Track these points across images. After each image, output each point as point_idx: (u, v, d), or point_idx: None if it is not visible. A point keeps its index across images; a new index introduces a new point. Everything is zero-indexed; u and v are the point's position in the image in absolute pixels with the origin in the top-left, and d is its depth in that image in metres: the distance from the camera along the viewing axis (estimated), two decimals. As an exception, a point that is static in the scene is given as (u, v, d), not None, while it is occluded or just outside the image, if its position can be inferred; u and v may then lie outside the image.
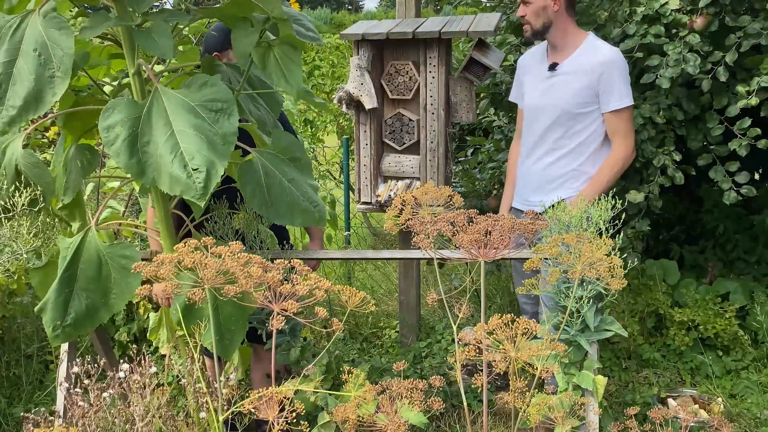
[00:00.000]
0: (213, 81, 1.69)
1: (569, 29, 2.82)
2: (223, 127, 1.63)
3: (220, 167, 1.59)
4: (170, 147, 1.58)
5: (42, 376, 3.40)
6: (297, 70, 1.84)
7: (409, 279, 3.59)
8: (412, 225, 1.49)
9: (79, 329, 1.90)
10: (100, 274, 1.85)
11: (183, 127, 1.60)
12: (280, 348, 2.32)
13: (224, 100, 1.66)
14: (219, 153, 1.60)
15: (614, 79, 2.72)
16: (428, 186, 1.57)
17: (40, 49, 1.56)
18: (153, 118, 1.62)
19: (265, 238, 2.18)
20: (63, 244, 1.89)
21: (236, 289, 1.19)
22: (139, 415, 1.67)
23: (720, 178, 3.08)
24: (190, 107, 1.63)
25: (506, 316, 1.32)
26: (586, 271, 1.47)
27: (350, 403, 1.12)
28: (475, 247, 1.35)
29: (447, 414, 3.07)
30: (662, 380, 3.38)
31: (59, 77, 1.57)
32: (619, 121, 2.75)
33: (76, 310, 1.83)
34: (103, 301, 1.87)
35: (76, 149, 2.03)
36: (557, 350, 1.30)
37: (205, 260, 1.22)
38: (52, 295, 1.85)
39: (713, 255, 3.95)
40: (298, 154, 2.08)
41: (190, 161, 1.56)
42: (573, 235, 1.57)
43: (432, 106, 3.10)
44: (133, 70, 1.86)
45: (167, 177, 1.57)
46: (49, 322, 1.85)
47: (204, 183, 1.56)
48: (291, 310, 1.18)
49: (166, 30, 1.70)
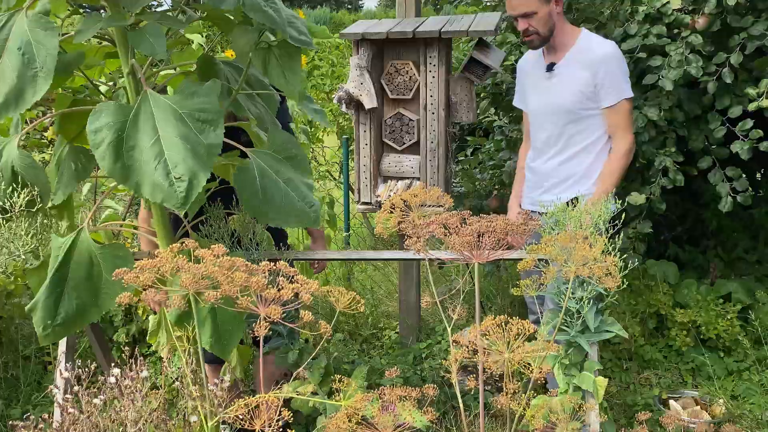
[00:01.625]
0: (203, 90, 1.68)
1: (567, 27, 2.81)
2: (208, 137, 1.62)
3: (203, 178, 1.58)
4: (155, 153, 1.57)
5: (40, 378, 3.39)
6: (297, 70, 1.83)
7: (409, 280, 3.57)
8: (404, 228, 1.47)
9: (69, 329, 1.90)
10: (92, 274, 1.84)
11: (169, 135, 1.59)
12: (278, 351, 2.30)
13: (212, 111, 1.65)
14: (202, 163, 1.59)
15: (612, 73, 2.69)
16: (418, 188, 1.55)
17: (25, 48, 1.55)
18: (140, 123, 1.61)
19: (261, 240, 2.16)
20: (55, 243, 1.88)
21: (218, 295, 1.18)
22: (130, 420, 1.66)
23: (718, 181, 3.05)
24: (177, 115, 1.62)
25: (500, 317, 1.30)
26: (579, 270, 1.45)
27: (341, 413, 1.10)
28: (468, 248, 1.33)
29: (447, 415, 3.06)
30: (663, 381, 3.36)
31: (41, 77, 1.56)
32: (619, 115, 2.73)
33: (66, 310, 1.83)
34: (94, 300, 1.86)
35: (70, 151, 2.01)
36: (551, 350, 1.28)
37: (186, 265, 1.20)
38: (42, 295, 1.85)
39: (715, 255, 3.93)
40: (294, 151, 2.07)
41: (173, 169, 1.55)
42: (567, 234, 1.54)
43: (432, 106, 3.08)
44: (127, 71, 1.85)
45: (150, 184, 1.56)
46: (39, 321, 1.84)
47: (186, 192, 1.55)
48: (274, 316, 1.16)
49: (159, 30, 1.69)
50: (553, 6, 2.72)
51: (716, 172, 3.07)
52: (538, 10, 2.70)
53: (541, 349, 1.27)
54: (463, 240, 1.32)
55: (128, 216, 3.56)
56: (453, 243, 1.33)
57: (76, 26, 1.84)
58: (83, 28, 1.70)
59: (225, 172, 2.19)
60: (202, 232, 2.20)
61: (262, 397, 1.15)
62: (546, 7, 2.71)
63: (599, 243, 1.56)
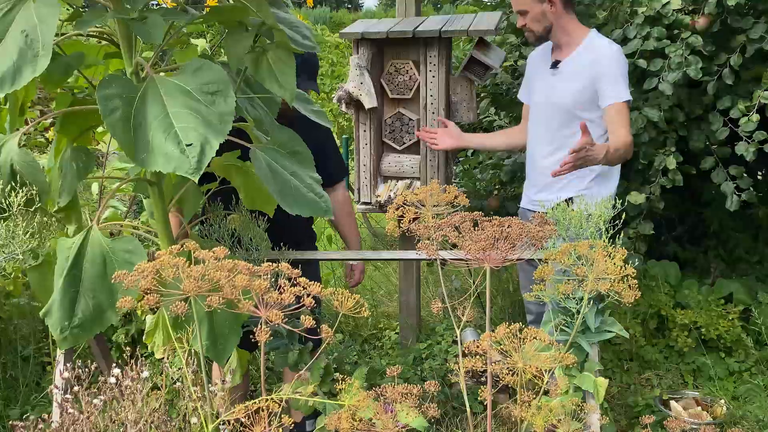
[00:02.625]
0: (207, 65, 1.66)
1: (570, 27, 2.80)
2: (219, 107, 1.61)
3: (215, 143, 1.55)
4: (164, 127, 1.56)
5: (39, 378, 3.38)
6: (290, 73, 1.81)
7: (409, 280, 3.56)
8: (416, 229, 1.44)
9: (87, 331, 1.84)
10: (106, 272, 1.81)
11: (178, 109, 1.58)
12: (278, 351, 2.29)
13: (220, 81, 1.64)
14: (215, 130, 1.57)
15: (611, 74, 2.69)
16: (433, 186, 1.52)
17: (30, 31, 1.55)
18: (148, 103, 1.60)
19: (260, 242, 2.16)
20: (64, 244, 1.86)
21: (219, 299, 1.16)
22: (130, 421, 1.65)
23: (722, 181, 3.05)
24: (185, 91, 1.61)
25: (514, 325, 1.29)
26: (599, 285, 1.43)
27: (343, 412, 1.09)
28: (482, 253, 1.32)
29: (448, 417, 3.05)
30: (664, 382, 3.35)
31: (42, 55, 1.54)
32: (616, 115, 2.72)
33: (83, 311, 1.79)
34: (110, 301, 1.82)
35: (72, 151, 2.00)
36: (567, 362, 1.27)
37: (187, 269, 1.18)
38: (57, 296, 1.81)
39: (716, 255, 3.92)
40: (298, 147, 2.06)
41: (183, 138, 1.53)
42: (586, 243, 1.52)
43: (432, 106, 3.07)
44: (131, 70, 1.83)
45: (161, 154, 1.53)
46: (56, 323, 1.80)
47: (198, 157, 1.52)
48: (276, 320, 1.15)
49: (159, 21, 1.68)
50: (547, 6, 2.73)
51: (719, 171, 3.07)
52: (530, 8, 2.76)
53: (556, 360, 1.25)
54: (480, 246, 1.30)
55: (128, 216, 3.55)
56: (469, 248, 1.31)
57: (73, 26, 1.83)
58: (86, 19, 1.68)
59: (225, 172, 2.18)
60: (202, 232, 2.19)
61: (263, 400, 1.14)
62: (538, 6, 2.74)
63: (619, 254, 1.53)
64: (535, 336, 1.27)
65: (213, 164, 2.10)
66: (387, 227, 1.59)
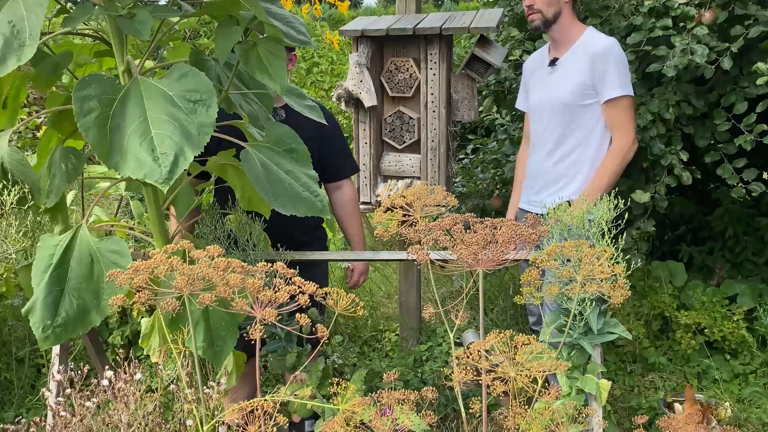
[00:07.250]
0: (193, 72, 1.64)
1: (571, 23, 2.78)
2: (200, 117, 1.58)
3: (190, 155, 1.53)
4: (141, 131, 1.54)
5: (34, 380, 3.34)
6: (281, 65, 1.78)
7: (409, 281, 3.52)
8: (405, 233, 1.41)
9: (70, 331, 1.82)
10: (92, 273, 1.78)
11: (157, 115, 1.56)
12: (275, 354, 2.25)
13: (204, 90, 1.61)
14: (191, 141, 1.55)
15: (608, 69, 2.65)
16: (420, 188, 1.49)
17: (16, 21, 1.52)
18: (128, 104, 1.58)
19: (258, 242, 2.12)
20: (51, 242, 1.83)
21: (212, 297, 1.13)
22: (123, 423, 1.61)
23: (728, 174, 3.05)
24: (167, 96, 1.58)
25: (505, 332, 1.25)
26: (587, 288, 1.40)
27: (337, 418, 1.05)
28: (473, 257, 1.28)
29: (449, 420, 3.01)
30: (668, 384, 3.31)
31: (28, 45, 1.52)
32: (616, 112, 2.68)
33: (66, 311, 1.76)
34: (95, 302, 1.79)
35: (62, 152, 1.96)
36: (561, 369, 1.23)
37: (181, 267, 1.15)
38: (40, 294, 1.78)
39: (721, 256, 3.88)
40: (293, 144, 2.02)
41: (158, 145, 1.51)
42: (572, 243, 1.49)
43: (433, 104, 3.03)
44: (122, 68, 1.80)
45: (133, 159, 1.51)
46: (38, 322, 1.77)
47: (170, 167, 1.50)
48: (269, 318, 1.11)
49: (148, 17, 1.66)
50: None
51: (725, 165, 3.07)
52: None
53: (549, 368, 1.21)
54: (471, 250, 1.27)
55: (120, 217, 3.51)
56: (459, 253, 1.28)
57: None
58: (74, 15, 1.65)
59: (221, 172, 2.14)
60: (197, 232, 2.15)
61: (258, 401, 1.10)
62: None
63: (607, 252, 1.50)
64: (527, 342, 1.24)
65: (209, 163, 2.06)
66: (376, 232, 1.55)
